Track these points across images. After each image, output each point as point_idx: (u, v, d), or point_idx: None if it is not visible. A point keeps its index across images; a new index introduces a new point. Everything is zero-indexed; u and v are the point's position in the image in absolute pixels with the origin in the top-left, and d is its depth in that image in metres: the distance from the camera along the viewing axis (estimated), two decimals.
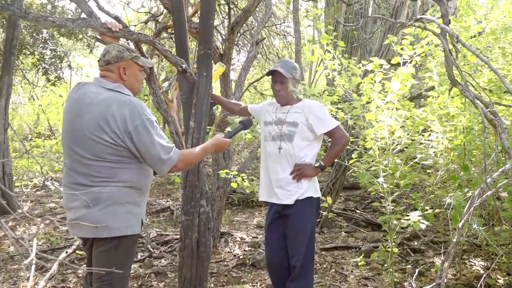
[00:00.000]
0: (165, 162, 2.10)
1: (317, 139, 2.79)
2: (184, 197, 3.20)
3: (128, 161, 2.08)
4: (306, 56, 14.18)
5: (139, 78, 2.27)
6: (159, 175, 2.20)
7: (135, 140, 2.04)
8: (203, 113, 3.09)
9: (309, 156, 2.75)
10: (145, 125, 2.05)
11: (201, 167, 3.21)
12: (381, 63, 3.61)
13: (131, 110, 2.04)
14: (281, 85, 2.81)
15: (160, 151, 2.08)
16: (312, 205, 2.73)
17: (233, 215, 6.70)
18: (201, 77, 3.08)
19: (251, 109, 3.15)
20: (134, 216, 2.14)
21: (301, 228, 2.69)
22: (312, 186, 2.76)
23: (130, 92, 2.18)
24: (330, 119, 2.73)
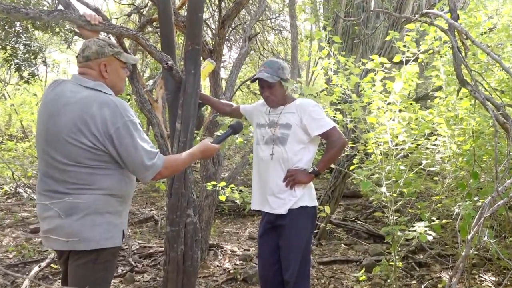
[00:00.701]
0: (148, 168, 2.09)
1: (313, 142, 2.79)
2: (170, 206, 3.19)
3: (108, 167, 2.07)
4: (304, 53, 14.24)
5: (121, 76, 2.26)
6: (142, 182, 2.19)
7: (117, 143, 2.03)
8: (191, 114, 3.09)
9: (304, 161, 2.76)
10: (128, 127, 2.04)
11: (188, 173, 3.20)
12: (382, 61, 3.63)
13: (112, 111, 2.03)
14: (269, 89, 2.81)
15: (143, 156, 2.07)
16: (308, 214, 2.74)
17: (223, 226, 6.69)
18: (189, 75, 3.08)
19: (243, 110, 3.14)
20: (115, 227, 2.12)
21: (295, 240, 2.69)
22: (307, 194, 2.76)
23: (111, 91, 2.17)
24: (326, 119, 2.73)
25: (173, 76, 3.11)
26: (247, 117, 3.14)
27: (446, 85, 3.87)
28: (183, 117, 3.09)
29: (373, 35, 8.34)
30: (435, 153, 3.81)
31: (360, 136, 3.92)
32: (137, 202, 7.91)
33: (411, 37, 3.70)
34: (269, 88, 2.80)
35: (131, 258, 4.78)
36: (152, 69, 10.81)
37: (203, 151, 2.39)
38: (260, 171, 2.85)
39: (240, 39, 8.94)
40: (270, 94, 2.81)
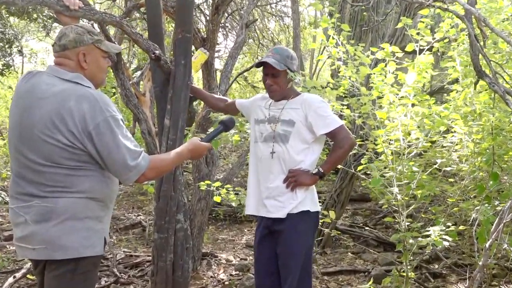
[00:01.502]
0: (131, 169, 2.09)
1: (318, 142, 2.79)
2: (157, 211, 3.19)
3: (88, 167, 2.07)
4: (307, 42, 14.25)
5: (102, 67, 2.25)
6: (124, 184, 2.19)
7: (96, 141, 2.03)
8: (181, 109, 3.09)
9: (307, 162, 2.75)
10: (109, 123, 2.04)
11: (178, 175, 3.20)
12: (393, 50, 3.63)
13: (92, 105, 2.03)
14: (274, 78, 2.79)
15: (126, 156, 2.07)
16: (309, 220, 2.74)
17: (218, 232, 6.70)
18: (179, 66, 3.08)
19: (240, 105, 3.12)
20: (96, 233, 2.13)
21: (295, 247, 2.69)
22: (309, 198, 2.76)
23: (91, 83, 2.17)
24: (333, 117, 2.73)
25: (162, 67, 3.11)
26: (244, 113, 3.12)
27: (463, 77, 3.87)
28: (173, 112, 3.10)
29: (383, 22, 8.33)
30: (451, 152, 3.82)
31: (369, 133, 3.93)
32: (122, 206, 7.92)
33: (425, 24, 3.70)
34: (274, 77, 2.79)
35: (116, 268, 4.78)
36: (140, 60, 10.80)
37: (192, 150, 2.38)
38: (257, 172, 2.83)
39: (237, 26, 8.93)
40: (274, 83, 2.79)
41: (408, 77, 3.52)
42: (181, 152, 2.36)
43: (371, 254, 5.37)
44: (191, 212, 4.64)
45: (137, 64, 11.42)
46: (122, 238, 6.15)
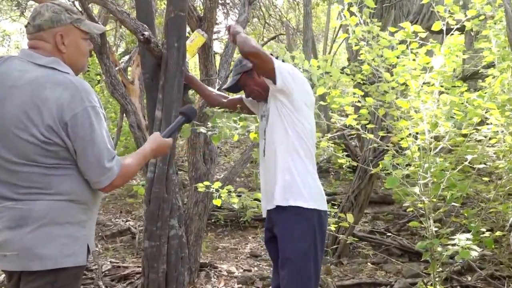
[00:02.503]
0: (105, 171, 2.09)
1: (287, 104, 2.88)
2: (148, 215, 3.21)
3: (68, 165, 2.08)
4: (320, 21, 14.21)
5: (82, 50, 2.26)
6: (93, 188, 2.19)
7: (71, 133, 2.03)
8: (174, 98, 3.10)
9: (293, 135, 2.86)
10: (88, 115, 2.05)
11: (172, 173, 3.21)
12: (415, 30, 3.62)
13: (70, 94, 2.03)
14: (246, 88, 3.06)
15: (102, 155, 2.08)
16: (303, 219, 2.80)
17: (218, 240, 6.72)
18: (171, 49, 3.08)
19: (247, 100, 3.28)
20: (77, 240, 2.13)
21: (288, 252, 2.78)
22: (304, 191, 2.82)
23: (70, 69, 2.17)
24: None
25: (152, 51, 3.11)
26: (252, 108, 3.29)
27: (500, 60, 3.86)
28: (165, 102, 3.10)
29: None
30: (486, 146, 3.80)
31: (392, 126, 3.93)
32: (108, 210, 7.96)
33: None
34: (245, 87, 3.06)
35: (101, 281, 4.81)
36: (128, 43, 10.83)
37: (156, 149, 2.42)
38: (261, 172, 3.02)
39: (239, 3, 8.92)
40: (250, 91, 3.05)
41: (434, 61, 3.51)
42: (145, 153, 2.37)
43: (394, 264, 5.37)
44: (187, 216, 4.65)
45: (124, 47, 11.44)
46: (109, 246, 6.18)
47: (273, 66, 2.80)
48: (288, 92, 2.82)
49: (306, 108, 2.89)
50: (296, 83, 2.84)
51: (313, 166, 2.90)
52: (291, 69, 2.89)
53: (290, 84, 2.81)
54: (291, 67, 2.94)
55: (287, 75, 2.82)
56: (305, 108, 2.88)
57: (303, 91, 2.89)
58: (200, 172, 4.74)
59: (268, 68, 2.82)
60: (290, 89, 2.81)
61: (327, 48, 14.33)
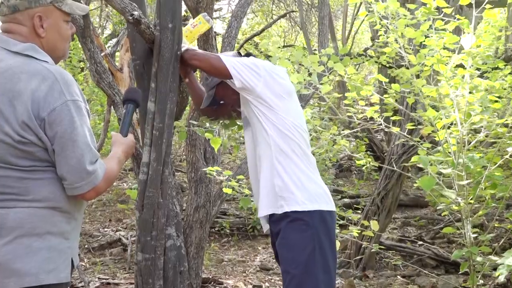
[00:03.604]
0: (86, 175, 2.09)
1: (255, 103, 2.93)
2: (142, 224, 3.22)
3: (47, 168, 2.09)
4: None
5: (64, 34, 2.27)
6: (69, 194, 2.19)
7: (49, 131, 2.04)
8: (169, 88, 3.11)
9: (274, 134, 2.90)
10: (69, 109, 2.05)
11: (168, 175, 3.23)
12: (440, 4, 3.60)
13: (49, 86, 2.04)
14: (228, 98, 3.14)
15: (84, 156, 2.08)
16: (299, 224, 2.81)
17: (223, 251, 6.73)
18: (165, 31, 3.09)
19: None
20: (61, 254, 2.14)
21: (286, 263, 2.83)
22: (297, 193, 2.84)
23: (48, 56, 2.18)
24: None
25: (142, 34, 3.13)
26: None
27: None
28: (159, 92, 3.12)
29: None
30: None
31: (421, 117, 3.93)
32: (96, 218, 7.99)
33: None
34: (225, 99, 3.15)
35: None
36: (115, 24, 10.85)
37: (126, 151, 2.44)
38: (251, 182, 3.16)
39: None
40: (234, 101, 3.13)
41: (464, 40, 3.50)
42: (119, 157, 2.37)
43: (427, 277, 5.37)
44: (186, 224, 4.67)
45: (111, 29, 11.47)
46: (96, 260, 6.21)
47: (223, 64, 2.89)
48: (250, 87, 2.88)
49: (281, 99, 2.93)
50: (258, 76, 2.89)
51: (307, 162, 2.93)
52: (248, 62, 2.95)
53: (249, 79, 2.87)
54: (248, 59, 3.00)
55: (243, 69, 2.88)
56: (279, 100, 2.92)
57: (271, 82, 2.92)
58: (200, 173, 4.75)
59: (219, 69, 2.92)
60: (252, 84, 2.87)
61: (347, 26, 14.28)
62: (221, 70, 2.91)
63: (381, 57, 4.43)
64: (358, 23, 14.38)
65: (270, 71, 2.94)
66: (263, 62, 3.02)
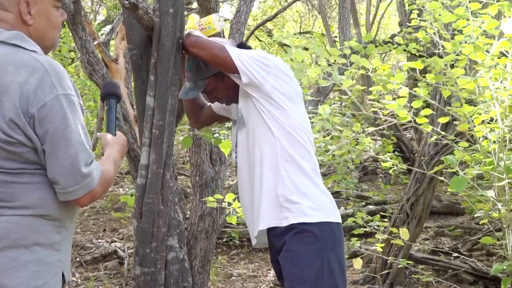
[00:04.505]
0: (81, 178, 2.10)
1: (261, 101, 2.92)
2: (140, 234, 3.24)
3: (35, 171, 2.10)
4: None
5: (54, 22, 2.28)
6: (61, 200, 2.18)
7: (38, 128, 2.04)
8: (170, 81, 3.13)
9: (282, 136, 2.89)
10: (61, 105, 2.06)
11: (169, 179, 3.25)
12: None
13: (38, 79, 2.05)
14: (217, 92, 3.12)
15: (78, 156, 2.09)
16: (307, 237, 2.81)
17: (232, 265, 6.74)
18: (165, 17, 3.11)
19: (216, 107, 3.34)
20: (50, 267, 2.15)
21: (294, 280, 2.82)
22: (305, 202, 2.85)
23: (37, 46, 2.20)
24: None
25: (140, 20, 3.14)
26: (226, 114, 3.35)
27: None
28: (158, 86, 3.13)
29: None
30: None
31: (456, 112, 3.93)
32: (89, 228, 8.01)
33: None
34: (213, 92, 3.13)
35: None
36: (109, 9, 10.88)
37: (121, 151, 2.46)
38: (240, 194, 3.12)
39: None
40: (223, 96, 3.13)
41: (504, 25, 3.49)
42: (115, 158, 2.39)
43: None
44: (190, 234, 4.68)
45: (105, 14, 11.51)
46: (90, 275, 6.23)
47: (228, 55, 2.86)
48: (259, 84, 2.86)
49: (291, 100, 2.94)
50: (268, 71, 2.89)
51: (313, 167, 2.95)
52: (256, 55, 2.94)
53: (259, 74, 2.86)
54: (255, 51, 3.00)
55: (251, 63, 2.87)
56: (289, 100, 2.93)
57: (281, 79, 2.92)
58: (206, 176, 4.76)
59: (224, 61, 2.89)
60: (261, 81, 2.86)
61: (372, 9, 14.22)
62: (225, 62, 2.89)
63: (410, 44, 4.43)
64: (384, 6, 14.33)
65: (281, 67, 2.94)
66: (272, 56, 3.02)
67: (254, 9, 13.25)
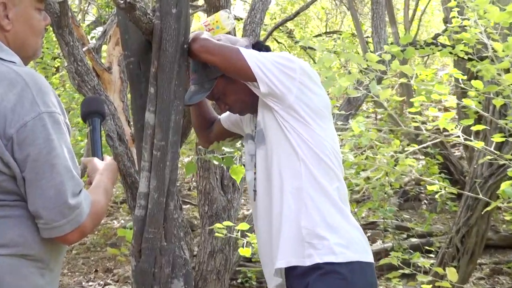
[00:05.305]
0: (69, 211, 2.09)
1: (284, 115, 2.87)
2: (139, 275, 3.24)
3: (15, 203, 2.11)
4: None
5: (36, 26, 2.30)
6: (44, 236, 2.17)
7: (18, 152, 2.05)
8: (174, 94, 3.13)
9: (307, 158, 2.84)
10: (44, 125, 2.07)
11: (172, 209, 3.25)
12: None
13: (18, 94, 2.06)
14: (226, 97, 3.09)
15: (65, 185, 2.09)
16: (335, 279, 2.77)
17: None
18: (167, 19, 3.12)
19: (225, 121, 3.37)
20: None
21: None
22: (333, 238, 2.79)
23: (16, 56, 2.22)
24: None
25: (138, 22, 3.15)
26: (237, 130, 3.36)
27: None
28: (160, 99, 3.14)
29: None
30: None
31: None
32: (78, 268, 8.04)
33: None
34: (222, 98, 3.10)
35: None
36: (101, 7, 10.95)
37: (112, 178, 2.49)
38: (256, 222, 3.09)
39: None
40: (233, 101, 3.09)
41: None
42: (106, 187, 2.41)
43: None
44: (199, 275, 4.69)
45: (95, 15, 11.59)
46: None
47: (244, 60, 2.83)
48: (281, 94, 2.82)
49: (319, 115, 2.90)
50: (292, 79, 2.84)
51: (343, 198, 2.92)
52: (279, 58, 2.91)
53: (281, 82, 2.81)
54: (277, 54, 2.97)
55: (272, 69, 2.83)
56: (317, 115, 2.89)
57: (308, 88, 2.88)
58: (217, 205, 4.77)
59: (239, 67, 2.87)
60: (284, 91, 2.82)
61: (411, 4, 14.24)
62: (241, 69, 2.86)
63: (457, 46, 4.42)
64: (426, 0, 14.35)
65: (308, 72, 2.90)
66: (297, 59, 2.98)
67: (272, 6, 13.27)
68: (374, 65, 3.86)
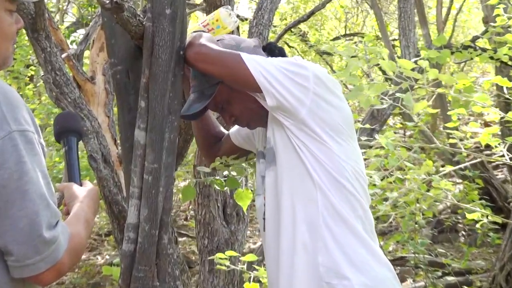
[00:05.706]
0: (41, 248, 2.09)
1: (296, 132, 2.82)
2: None
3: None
4: None
5: (6, 30, 2.32)
6: (15, 276, 2.16)
7: None
8: (168, 108, 3.14)
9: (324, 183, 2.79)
10: (15, 145, 2.08)
11: (166, 243, 3.25)
12: None
13: None
14: (232, 107, 3.06)
15: (40, 214, 2.09)
16: None
17: None
18: (160, 21, 3.12)
19: (235, 136, 3.37)
20: None
21: None
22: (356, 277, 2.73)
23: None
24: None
25: (126, 25, 3.16)
26: (248, 147, 3.36)
27: None
28: (151, 114, 3.14)
29: None
30: None
31: None
32: None
33: None
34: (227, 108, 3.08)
35: None
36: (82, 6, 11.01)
37: (94, 207, 2.50)
38: (266, 255, 3.05)
39: None
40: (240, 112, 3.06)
41: None
42: (87, 217, 2.42)
43: None
44: None
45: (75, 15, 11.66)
46: None
47: (246, 69, 2.78)
48: (291, 108, 2.77)
49: (337, 131, 2.83)
50: (305, 89, 2.76)
51: (369, 229, 2.87)
52: (287, 62, 2.86)
53: (291, 94, 2.75)
54: (286, 59, 2.92)
55: (279, 76, 2.77)
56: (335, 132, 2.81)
57: (325, 96, 2.81)
58: (218, 238, 4.77)
59: (241, 77, 2.84)
60: (294, 104, 2.76)
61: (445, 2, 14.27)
62: (243, 79, 2.82)
63: (500, 50, 4.43)
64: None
65: (324, 80, 2.82)
66: (311, 63, 2.90)
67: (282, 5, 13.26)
68: (407, 73, 3.82)
